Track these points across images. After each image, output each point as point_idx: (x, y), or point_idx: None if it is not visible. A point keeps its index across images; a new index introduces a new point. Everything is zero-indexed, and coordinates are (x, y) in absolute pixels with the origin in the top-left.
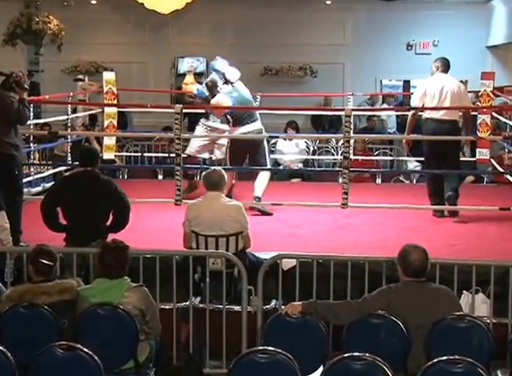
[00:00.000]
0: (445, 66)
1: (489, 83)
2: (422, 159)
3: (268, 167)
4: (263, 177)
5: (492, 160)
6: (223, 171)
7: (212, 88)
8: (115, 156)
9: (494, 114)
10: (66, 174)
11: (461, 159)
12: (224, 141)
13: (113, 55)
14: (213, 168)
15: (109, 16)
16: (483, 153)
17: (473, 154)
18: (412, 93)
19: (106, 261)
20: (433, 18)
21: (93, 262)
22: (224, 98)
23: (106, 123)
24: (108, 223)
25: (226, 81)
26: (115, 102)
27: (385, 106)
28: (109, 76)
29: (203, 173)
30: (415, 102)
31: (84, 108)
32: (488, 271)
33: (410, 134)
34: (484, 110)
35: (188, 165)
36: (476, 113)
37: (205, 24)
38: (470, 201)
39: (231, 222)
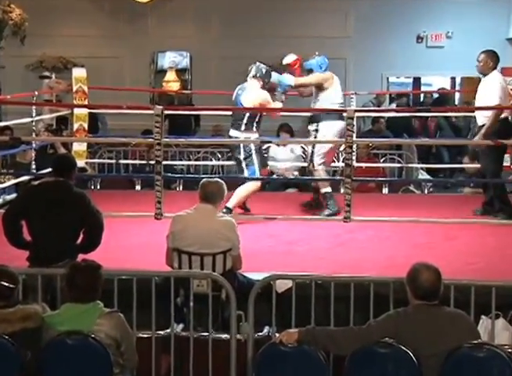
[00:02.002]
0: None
1: (510, 80)
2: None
3: (256, 176)
4: (245, 187)
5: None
6: (224, 185)
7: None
8: (86, 163)
9: None
10: (35, 183)
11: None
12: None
13: (84, 49)
14: (215, 178)
15: (80, 5)
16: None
17: None
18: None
19: (75, 283)
20: (446, 7)
21: (61, 285)
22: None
23: (75, 126)
24: (78, 242)
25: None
26: (86, 102)
27: (393, 106)
28: (79, 73)
29: (202, 181)
30: (495, 99)
31: (50, 109)
32: (510, 293)
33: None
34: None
35: (169, 174)
36: None
37: (188, 14)
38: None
39: (220, 239)
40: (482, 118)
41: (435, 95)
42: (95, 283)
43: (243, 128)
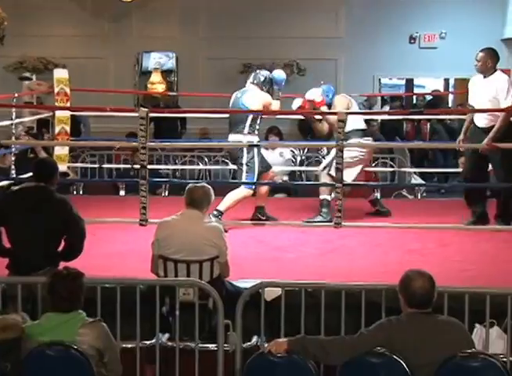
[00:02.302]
0: None
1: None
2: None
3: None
4: (238, 192)
5: None
6: (211, 190)
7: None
8: (68, 168)
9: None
10: (14, 188)
11: None
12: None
13: (66, 49)
14: (202, 183)
15: (61, 4)
16: None
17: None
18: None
19: (56, 291)
20: (439, 6)
21: (41, 294)
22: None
23: (57, 129)
24: (59, 250)
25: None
26: (68, 104)
27: (386, 109)
28: (60, 74)
29: (188, 186)
30: (508, 100)
31: (31, 112)
32: (505, 301)
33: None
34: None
35: (154, 179)
36: None
37: (174, 13)
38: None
39: (207, 246)
40: (485, 120)
41: (428, 98)
42: (77, 291)
43: (246, 131)
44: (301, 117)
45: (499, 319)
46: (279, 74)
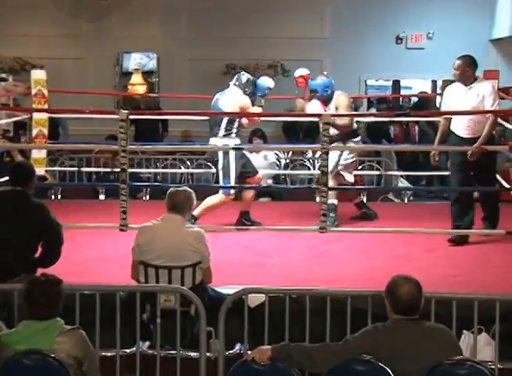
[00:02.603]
0: None
1: (493, 83)
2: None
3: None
4: (214, 198)
5: (496, 174)
6: (193, 194)
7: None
8: (46, 172)
9: (499, 120)
10: None
11: None
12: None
13: (43, 49)
14: (183, 187)
15: (38, 2)
16: None
17: None
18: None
19: (34, 298)
20: (427, 6)
21: (18, 301)
22: None
23: (34, 132)
24: (36, 256)
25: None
26: (46, 106)
27: (373, 111)
28: (38, 75)
29: (169, 190)
30: (495, 106)
31: (7, 114)
32: (493, 307)
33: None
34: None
35: (135, 183)
36: None
37: (155, 13)
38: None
39: (189, 251)
40: (468, 130)
41: (414, 99)
42: (55, 298)
43: (221, 133)
44: (287, 120)
45: (487, 326)
46: (264, 80)
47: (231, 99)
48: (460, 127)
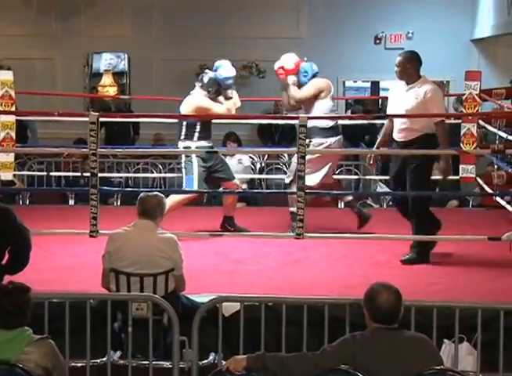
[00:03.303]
0: None
1: (475, 84)
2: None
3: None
4: (176, 196)
5: (478, 178)
6: (164, 199)
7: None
8: (14, 176)
9: (481, 123)
10: None
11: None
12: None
13: (10, 49)
14: (155, 192)
15: (5, 1)
16: (468, 171)
17: (456, 172)
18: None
19: (3, 308)
20: (406, 5)
21: None
22: None
23: (1, 135)
24: (3, 263)
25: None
26: (13, 109)
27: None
28: (4, 76)
29: (140, 195)
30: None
31: None
32: (475, 315)
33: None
34: (470, 117)
35: (106, 187)
36: (459, 121)
37: (126, 11)
38: (453, 230)
39: (161, 258)
40: (402, 133)
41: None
42: (23, 307)
43: (182, 137)
44: (262, 122)
45: (468, 335)
46: (221, 73)
47: (187, 102)
48: (395, 129)
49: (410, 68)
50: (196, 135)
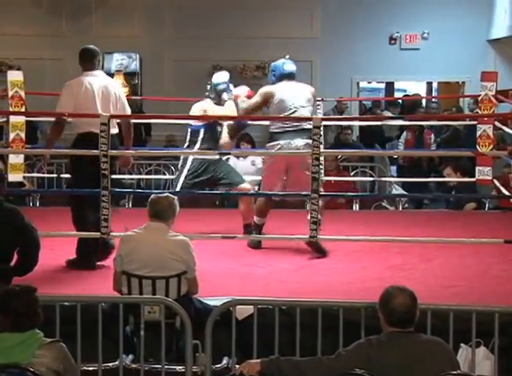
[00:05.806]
0: None
1: (491, 85)
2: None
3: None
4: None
5: (495, 180)
6: (175, 200)
7: None
8: (24, 178)
9: (497, 124)
10: None
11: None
12: None
13: (20, 49)
14: (166, 193)
15: (15, 1)
16: (484, 173)
17: (472, 174)
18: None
19: (10, 310)
20: (422, 5)
21: None
22: None
23: (11, 136)
24: (12, 264)
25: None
26: (23, 109)
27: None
28: (15, 76)
29: (151, 197)
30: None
31: None
32: (492, 319)
33: None
34: (486, 119)
35: (117, 189)
36: (475, 122)
37: (138, 11)
38: (469, 233)
39: (174, 261)
40: None
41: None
42: (34, 306)
43: (185, 145)
44: None
45: (485, 339)
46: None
47: (192, 110)
48: None
49: None
50: (198, 144)
